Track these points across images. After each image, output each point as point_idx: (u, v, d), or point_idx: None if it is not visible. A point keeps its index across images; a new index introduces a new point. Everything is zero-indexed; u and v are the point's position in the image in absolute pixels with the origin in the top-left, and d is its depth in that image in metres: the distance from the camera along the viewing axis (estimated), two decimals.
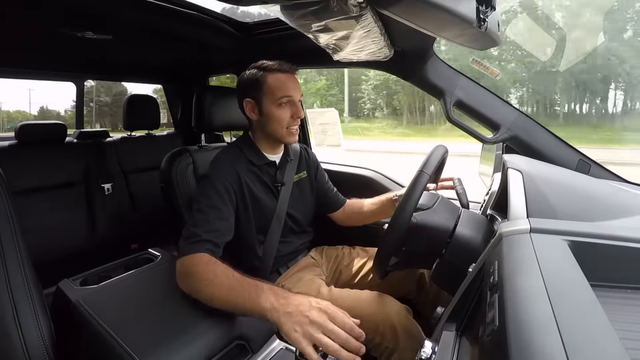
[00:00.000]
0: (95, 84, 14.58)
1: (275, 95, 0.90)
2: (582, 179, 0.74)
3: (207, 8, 1.17)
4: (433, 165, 0.76)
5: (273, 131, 0.94)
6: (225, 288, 0.66)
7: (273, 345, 0.73)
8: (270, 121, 0.92)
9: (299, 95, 0.93)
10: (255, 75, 0.92)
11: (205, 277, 0.68)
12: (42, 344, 0.59)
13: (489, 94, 1.01)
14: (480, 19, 0.59)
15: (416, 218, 0.76)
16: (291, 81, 0.92)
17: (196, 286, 0.69)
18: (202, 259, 0.73)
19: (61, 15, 1.00)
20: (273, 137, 0.96)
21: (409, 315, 0.85)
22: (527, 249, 0.44)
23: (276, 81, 0.90)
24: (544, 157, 0.95)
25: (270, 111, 0.91)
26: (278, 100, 0.90)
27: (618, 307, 0.40)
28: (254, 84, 0.92)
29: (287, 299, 0.61)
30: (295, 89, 0.92)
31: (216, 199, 0.85)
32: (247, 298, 0.63)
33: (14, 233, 0.60)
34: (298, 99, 0.93)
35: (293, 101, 0.92)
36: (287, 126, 0.92)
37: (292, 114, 0.92)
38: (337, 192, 1.20)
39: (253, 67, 0.94)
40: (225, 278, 0.68)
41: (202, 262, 0.72)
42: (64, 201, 1.53)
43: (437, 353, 0.50)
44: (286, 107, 0.92)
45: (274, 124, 0.92)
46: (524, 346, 0.29)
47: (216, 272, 0.69)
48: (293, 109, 0.92)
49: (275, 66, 0.91)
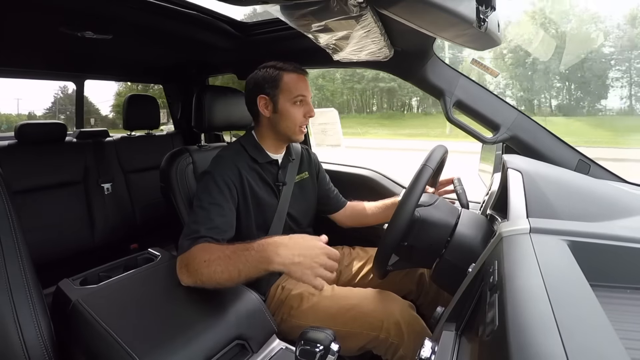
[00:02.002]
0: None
1: (292, 93, 0.94)
2: (582, 179, 0.74)
3: (206, 8, 1.17)
4: (436, 160, 0.76)
5: (285, 128, 0.96)
6: (223, 262, 0.68)
7: (273, 344, 0.73)
8: (284, 118, 0.95)
9: (310, 96, 0.98)
10: (272, 74, 0.95)
11: (203, 259, 0.70)
12: (42, 343, 0.59)
13: (488, 94, 1.01)
14: (480, 19, 0.59)
15: (419, 212, 0.76)
16: (304, 82, 0.96)
17: (198, 272, 0.70)
18: (197, 247, 0.74)
19: (61, 15, 1.00)
20: (283, 134, 0.98)
21: (412, 311, 0.86)
22: (527, 249, 0.44)
23: (293, 80, 0.94)
24: (544, 157, 0.95)
25: (286, 108, 0.94)
26: (294, 99, 0.94)
27: (618, 307, 0.40)
28: (270, 81, 0.94)
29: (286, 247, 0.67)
30: (307, 90, 0.96)
31: (217, 196, 0.85)
32: (246, 262, 0.67)
33: (13, 233, 0.60)
34: (310, 99, 0.98)
35: (306, 100, 0.96)
36: (299, 124, 0.96)
37: (305, 113, 0.96)
38: (338, 194, 1.21)
39: (268, 66, 0.97)
40: (221, 252, 0.70)
41: (198, 249, 0.73)
42: (63, 201, 1.52)
43: (437, 353, 0.50)
44: (300, 106, 0.95)
45: (287, 121, 0.95)
46: (523, 346, 0.29)
47: (211, 251, 0.71)
48: (306, 108, 0.96)
49: (291, 67, 0.96)
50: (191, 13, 1.12)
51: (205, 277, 0.69)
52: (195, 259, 0.71)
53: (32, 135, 1.47)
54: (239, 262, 0.67)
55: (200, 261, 0.70)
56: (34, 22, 1.05)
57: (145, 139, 1.90)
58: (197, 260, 0.71)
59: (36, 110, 18.06)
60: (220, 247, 0.73)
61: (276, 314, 0.92)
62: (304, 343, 0.54)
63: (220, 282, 0.68)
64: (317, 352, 0.53)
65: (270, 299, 0.96)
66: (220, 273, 0.68)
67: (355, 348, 0.84)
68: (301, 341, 0.55)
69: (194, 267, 0.71)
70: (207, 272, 0.69)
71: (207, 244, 0.75)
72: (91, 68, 1.86)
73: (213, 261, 0.69)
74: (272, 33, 1.24)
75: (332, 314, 0.86)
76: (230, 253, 0.69)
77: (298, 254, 0.66)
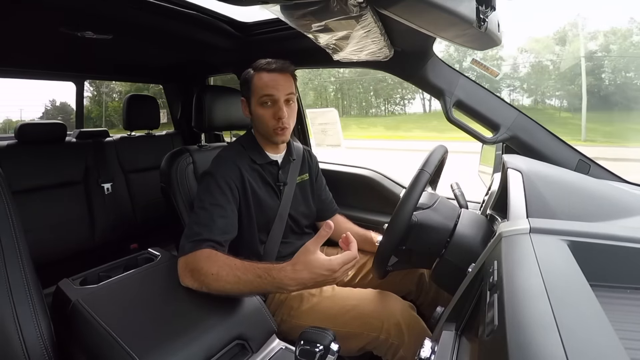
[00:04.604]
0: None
1: (257, 94, 0.91)
2: (582, 179, 0.74)
3: (206, 8, 1.17)
4: (433, 164, 0.76)
5: (261, 130, 0.96)
6: (232, 280, 0.68)
7: (273, 344, 0.73)
8: (256, 120, 0.95)
9: (285, 94, 0.90)
10: (247, 75, 0.94)
11: (210, 272, 0.70)
12: (42, 343, 0.59)
13: (488, 94, 1.01)
14: (480, 19, 0.59)
15: (416, 217, 0.76)
16: (275, 80, 0.89)
17: (204, 282, 0.70)
18: (202, 254, 0.74)
19: (61, 15, 1.00)
20: (264, 136, 0.97)
21: (412, 312, 0.86)
22: (526, 249, 0.44)
23: (259, 80, 0.90)
24: (544, 157, 0.95)
25: (255, 110, 0.93)
26: (260, 99, 0.91)
27: (618, 307, 0.40)
28: (245, 83, 0.94)
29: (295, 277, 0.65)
30: (278, 88, 0.89)
31: (219, 197, 0.85)
32: (258, 287, 0.67)
33: (13, 233, 0.60)
34: (284, 98, 0.90)
35: (275, 100, 0.90)
36: (271, 126, 0.92)
37: (273, 114, 0.91)
38: (332, 201, 1.19)
39: (250, 67, 0.95)
40: (229, 269, 0.70)
41: (204, 258, 0.73)
42: (63, 201, 1.52)
43: (436, 353, 0.50)
44: (268, 107, 0.91)
45: (259, 122, 0.94)
46: (523, 346, 0.29)
47: (219, 264, 0.71)
48: (275, 109, 0.90)
49: (263, 65, 0.91)
50: (191, 13, 1.12)
51: (213, 289, 0.70)
52: (202, 269, 0.71)
53: (32, 135, 1.47)
54: (251, 285, 0.68)
55: (208, 273, 0.70)
56: (34, 22, 1.05)
57: (145, 139, 1.90)
58: (204, 271, 0.70)
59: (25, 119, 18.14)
60: (227, 261, 0.72)
61: (276, 314, 0.92)
62: (304, 343, 0.54)
63: (227, 293, 0.70)
64: (317, 352, 0.53)
65: (270, 299, 0.96)
66: (229, 290, 0.69)
67: (355, 349, 0.84)
68: (301, 341, 0.55)
69: (201, 278, 0.71)
70: (216, 287, 0.69)
71: (213, 253, 0.74)
72: (91, 68, 1.86)
73: (222, 277, 0.69)
74: (272, 33, 1.24)
75: (332, 315, 0.86)
76: (241, 274, 0.69)
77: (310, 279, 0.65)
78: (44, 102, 11.80)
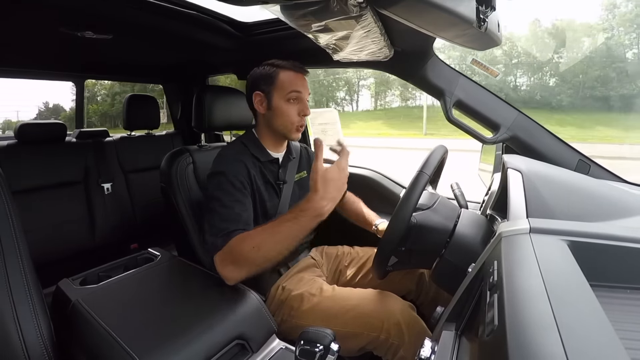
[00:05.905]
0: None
1: (286, 89, 0.93)
2: (582, 179, 0.75)
3: (206, 8, 1.17)
4: (432, 165, 0.76)
5: (279, 126, 0.96)
6: (271, 239, 0.73)
7: (273, 344, 0.73)
8: (278, 116, 0.95)
9: (307, 94, 0.97)
10: (268, 70, 0.95)
11: (250, 247, 0.73)
12: (42, 343, 0.59)
13: (488, 94, 1.01)
14: (480, 19, 0.59)
15: (416, 218, 0.76)
16: (301, 79, 0.95)
17: (248, 260, 0.74)
18: (235, 240, 0.76)
19: (61, 15, 1.00)
20: (278, 132, 0.97)
21: (412, 312, 0.86)
22: (526, 249, 0.44)
23: (287, 77, 0.93)
24: (544, 157, 0.95)
25: (279, 105, 0.94)
26: (287, 95, 0.93)
27: (618, 307, 0.40)
28: (266, 78, 0.94)
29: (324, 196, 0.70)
30: (304, 87, 0.95)
31: (236, 193, 0.86)
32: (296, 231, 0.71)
33: (13, 233, 0.60)
34: (306, 97, 0.96)
35: (301, 98, 0.95)
36: (294, 122, 0.95)
37: (299, 111, 0.95)
38: None
39: (267, 64, 0.96)
40: (263, 234, 0.74)
41: (238, 242, 0.76)
42: (63, 201, 1.52)
43: (436, 353, 0.50)
44: (294, 103, 0.94)
45: (281, 118, 0.94)
46: (523, 346, 0.29)
47: (252, 237, 0.75)
48: (300, 106, 0.95)
49: (288, 64, 0.95)
50: (191, 13, 1.12)
51: (260, 261, 0.73)
52: (242, 250, 0.74)
53: (32, 135, 1.47)
54: (290, 232, 0.71)
55: (249, 249, 0.73)
56: (34, 22, 1.05)
57: (145, 139, 1.90)
58: (244, 251, 0.74)
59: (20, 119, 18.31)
60: (257, 230, 0.76)
61: (276, 314, 0.92)
62: (304, 343, 0.54)
63: (277, 257, 0.74)
64: (317, 352, 0.53)
65: (271, 299, 0.96)
66: (276, 252, 0.73)
67: (355, 349, 0.84)
68: (301, 341, 0.55)
69: (244, 257, 0.74)
70: (261, 256, 0.73)
71: (242, 235, 0.77)
72: (91, 68, 1.86)
73: (262, 245, 0.72)
74: (272, 33, 1.24)
75: (332, 315, 0.86)
76: (273, 230, 0.73)
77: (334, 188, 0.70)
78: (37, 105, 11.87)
